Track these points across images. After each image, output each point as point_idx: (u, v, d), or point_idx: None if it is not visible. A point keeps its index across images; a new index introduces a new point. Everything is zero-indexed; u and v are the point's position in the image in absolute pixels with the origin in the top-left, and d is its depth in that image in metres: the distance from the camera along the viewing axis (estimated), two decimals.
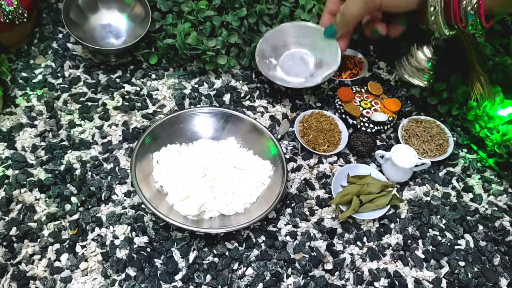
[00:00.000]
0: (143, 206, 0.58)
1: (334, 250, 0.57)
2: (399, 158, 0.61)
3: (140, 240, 0.55)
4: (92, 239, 0.55)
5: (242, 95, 0.73)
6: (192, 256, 0.55)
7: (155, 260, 0.54)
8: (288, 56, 0.74)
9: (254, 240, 0.57)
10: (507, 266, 0.58)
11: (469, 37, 0.71)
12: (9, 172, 0.60)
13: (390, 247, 0.58)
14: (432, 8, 0.55)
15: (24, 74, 0.70)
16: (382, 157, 0.65)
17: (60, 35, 0.77)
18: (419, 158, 0.62)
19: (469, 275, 0.56)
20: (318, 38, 0.70)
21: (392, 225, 0.60)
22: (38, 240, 0.54)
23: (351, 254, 0.57)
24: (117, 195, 0.60)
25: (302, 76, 0.71)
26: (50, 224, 0.56)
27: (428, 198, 0.64)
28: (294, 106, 0.73)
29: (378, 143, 0.69)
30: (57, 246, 0.54)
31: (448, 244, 0.59)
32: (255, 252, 0.56)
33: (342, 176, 0.63)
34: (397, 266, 0.57)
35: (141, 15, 0.73)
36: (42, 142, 0.64)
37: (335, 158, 0.67)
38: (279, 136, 0.68)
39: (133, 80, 0.73)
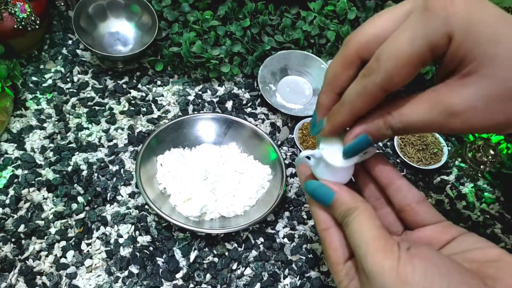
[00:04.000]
0: (146, 206, 0.60)
1: None
2: (333, 156, 0.37)
3: (143, 239, 0.57)
4: (97, 237, 0.57)
5: (244, 102, 0.75)
6: (193, 255, 0.57)
7: (157, 258, 0.56)
8: (285, 82, 0.77)
9: (253, 242, 0.59)
10: None
11: None
12: (19, 172, 0.62)
13: None
14: None
15: (34, 78, 0.73)
16: (310, 158, 0.41)
17: (70, 42, 0.80)
18: None
19: None
20: (314, 67, 0.74)
21: None
22: (45, 237, 0.56)
23: None
24: (122, 196, 0.62)
25: (299, 102, 0.74)
26: (57, 222, 0.58)
27: None
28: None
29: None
30: (63, 243, 0.56)
31: None
32: (254, 253, 0.58)
33: None
34: None
35: (148, 24, 0.76)
36: (51, 143, 0.66)
37: None
38: (279, 142, 0.70)
39: (139, 86, 0.75)
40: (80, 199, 0.60)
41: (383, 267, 0.29)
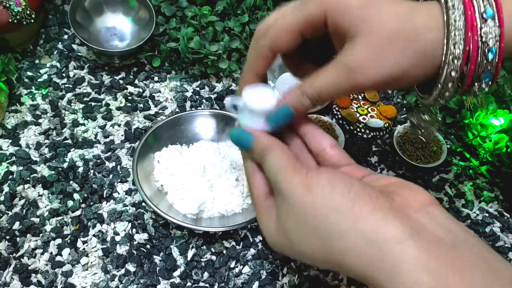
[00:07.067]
0: (143, 204, 0.60)
1: None
2: (255, 101, 0.42)
3: (140, 237, 0.57)
4: (93, 235, 0.57)
5: None
6: (190, 253, 0.56)
7: (155, 256, 0.55)
8: (284, 79, 0.76)
9: (251, 240, 0.58)
10: None
11: None
12: (13, 168, 0.61)
13: None
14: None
15: (29, 73, 0.72)
16: (236, 108, 0.44)
17: (66, 36, 0.79)
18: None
19: None
20: None
21: None
22: (41, 234, 0.56)
23: None
24: (119, 193, 0.61)
25: None
26: (53, 220, 0.57)
27: None
28: None
29: (374, 148, 0.71)
30: (59, 241, 0.55)
31: None
32: (252, 251, 0.57)
33: None
34: None
35: (146, 19, 0.75)
36: (46, 140, 0.65)
37: None
38: None
39: (136, 82, 0.74)
40: (76, 196, 0.59)
41: (292, 182, 0.33)
